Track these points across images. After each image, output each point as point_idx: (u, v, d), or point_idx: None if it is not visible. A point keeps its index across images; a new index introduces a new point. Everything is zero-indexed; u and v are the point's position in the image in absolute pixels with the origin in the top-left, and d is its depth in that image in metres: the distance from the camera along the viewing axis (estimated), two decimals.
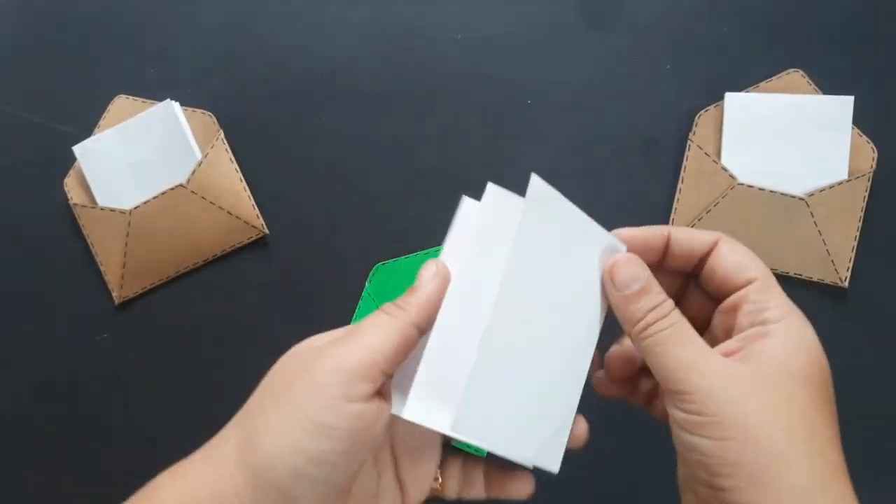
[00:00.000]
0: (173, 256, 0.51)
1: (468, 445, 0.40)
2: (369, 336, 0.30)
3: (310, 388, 0.29)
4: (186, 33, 0.55)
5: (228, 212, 0.51)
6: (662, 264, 0.33)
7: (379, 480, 0.34)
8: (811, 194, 0.47)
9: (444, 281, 0.31)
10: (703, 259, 0.33)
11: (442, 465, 0.35)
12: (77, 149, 0.52)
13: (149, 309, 0.52)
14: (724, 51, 0.52)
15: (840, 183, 0.47)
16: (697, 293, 0.34)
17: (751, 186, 0.47)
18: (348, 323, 0.49)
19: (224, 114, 0.53)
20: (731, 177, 0.47)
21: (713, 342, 0.31)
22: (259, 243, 0.52)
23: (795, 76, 0.49)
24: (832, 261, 0.46)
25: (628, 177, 0.51)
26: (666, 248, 0.33)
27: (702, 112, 0.50)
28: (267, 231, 0.51)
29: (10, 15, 0.57)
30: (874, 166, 0.47)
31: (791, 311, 0.30)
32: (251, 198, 0.52)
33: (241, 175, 0.52)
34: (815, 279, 0.47)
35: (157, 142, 0.52)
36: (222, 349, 0.51)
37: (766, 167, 0.48)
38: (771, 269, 0.43)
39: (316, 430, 0.28)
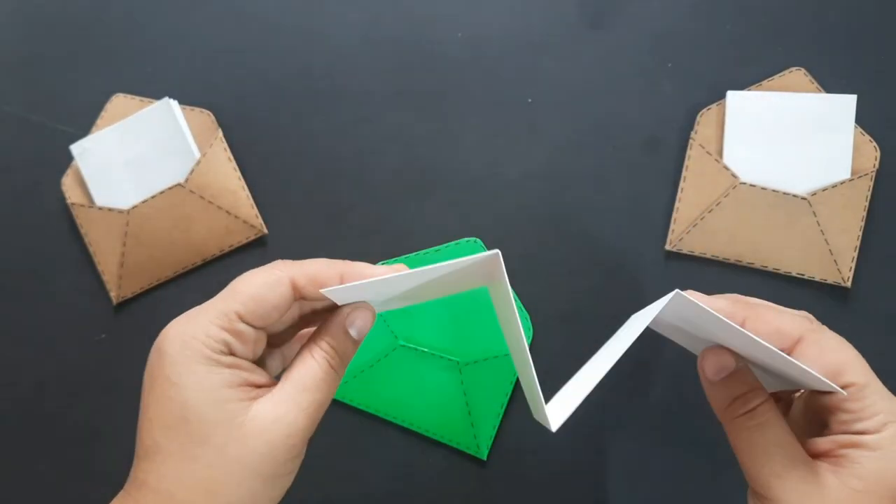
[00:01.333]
0: (171, 256, 0.51)
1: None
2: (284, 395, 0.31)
3: (258, 451, 0.29)
4: (185, 32, 0.55)
5: (227, 211, 0.51)
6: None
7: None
8: (814, 193, 0.46)
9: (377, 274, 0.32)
10: (787, 352, 0.30)
11: None
12: (74, 148, 0.52)
13: (147, 309, 0.51)
14: (726, 49, 0.52)
15: (843, 182, 0.47)
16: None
17: (753, 185, 0.47)
18: None
19: (223, 112, 0.53)
20: (734, 176, 0.47)
21: (793, 424, 0.31)
22: (258, 243, 0.52)
23: (798, 74, 0.49)
24: (835, 260, 0.46)
25: (629, 177, 0.50)
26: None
27: (703, 111, 0.50)
28: (266, 231, 0.51)
29: (7, 14, 0.57)
30: (877, 165, 0.47)
31: (889, 421, 0.29)
32: (250, 197, 0.52)
33: (239, 174, 0.52)
34: (817, 279, 0.47)
35: (155, 140, 0.52)
36: None
37: (769, 166, 0.47)
38: (773, 268, 0.44)
39: (270, 485, 0.30)
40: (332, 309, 0.33)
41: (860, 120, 0.47)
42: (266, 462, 0.29)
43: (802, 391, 0.33)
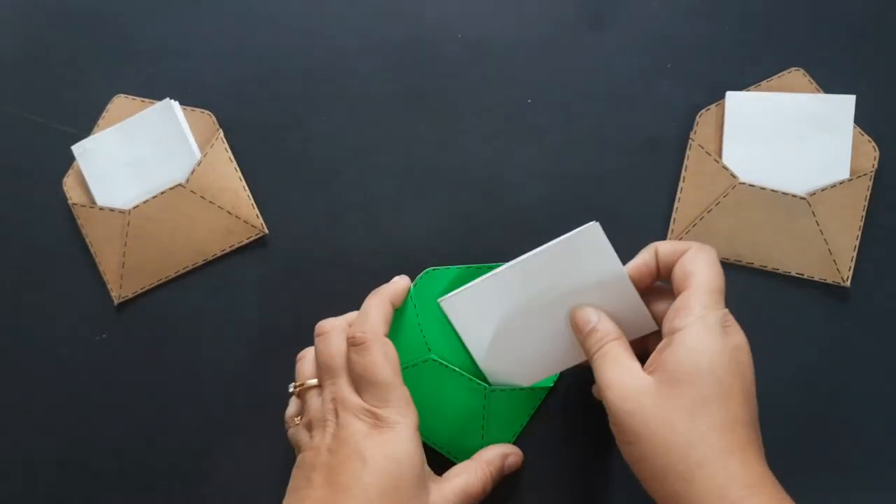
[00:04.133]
0: (173, 256, 0.51)
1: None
2: None
3: None
4: (186, 32, 0.55)
5: (228, 211, 0.51)
6: (660, 276, 0.40)
7: None
8: (813, 193, 0.46)
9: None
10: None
11: None
12: (76, 148, 0.52)
13: (148, 309, 0.52)
14: (725, 49, 0.52)
15: (842, 182, 0.47)
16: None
17: (752, 185, 0.47)
18: None
19: (223, 113, 0.53)
20: (733, 176, 0.47)
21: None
22: (259, 243, 0.52)
23: (797, 75, 0.49)
24: (834, 260, 0.46)
25: (628, 177, 0.51)
26: (657, 264, 0.39)
27: (703, 111, 0.50)
28: (267, 231, 0.51)
29: (9, 15, 0.57)
30: (876, 165, 0.47)
31: (699, 318, 0.35)
32: (251, 197, 0.52)
33: (240, 175, 0.52)
34: (816, 279, 0.47)
35: (156, 141, 0.52)
36: (222, 349, 0.50)
37: (768, 166, 0.48)
38: (772, 268, 0.45)
39: None
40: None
41: (859, 120, 0.47)
42: None
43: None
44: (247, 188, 0.52)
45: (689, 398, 0.33)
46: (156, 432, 0.50)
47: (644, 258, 0.40)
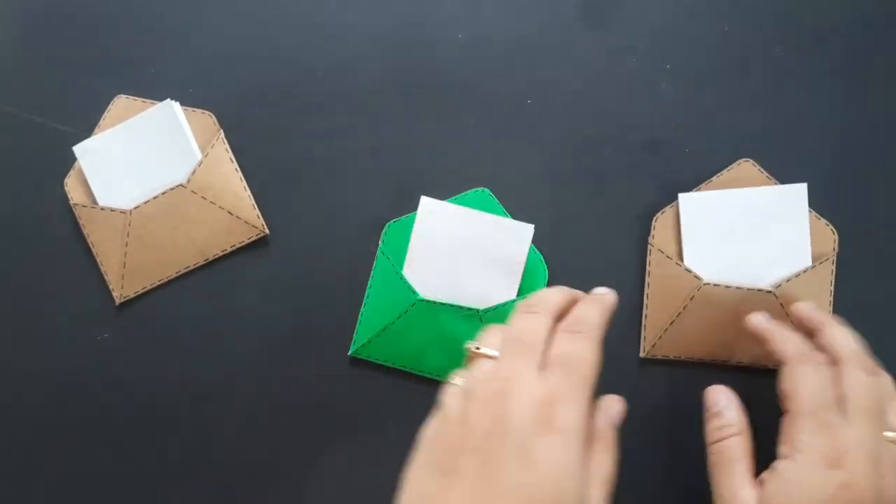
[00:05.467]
0: (174, 256, 0.51)
1: None
2: None
3: None
4: (186, 33, 0.56)
5: (228, 212, 0.51)
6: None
7: None
8: (778, 285, 0.45)
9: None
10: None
11: None
12: (77, 149, 0.53)
13: (149, 309, 0.52)
14: (724, 50, 0.52)
15: (805, 270, 0.45)
16: None
17: (717, 285, 0.45)
18: (349, 324, 0.50)
19: (224, 114, 0.53)
20: (696, 277, 0.46)
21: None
22: (259, 243, 0.52)
23: (746, 166, 0.48)
24: None
25: (628, 177, 0.51)
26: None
27: (658, 214, 0.48)
28: (267, 231, 0.52)
29: (10, 15, 0.57)
30: (836, 248, 0.46)
31: (797, 451, 0.34)
32: (251, 198, 0.52)
33: (241, 175, 0.52)
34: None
35: (157, 142, 0.52)
36: (222, 349, 0.51)
37: (730, 262, 0.46)
38: (748, 362, 0.46)
39: None
40: None
41: (814, 204, 0.46)
42: None
43: None
44: (247, 188, 0.52)
45: None
46: (156, 432, 0.50)
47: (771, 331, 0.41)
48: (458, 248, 0.48)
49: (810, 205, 0.46)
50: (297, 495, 0.48)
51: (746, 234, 0.47)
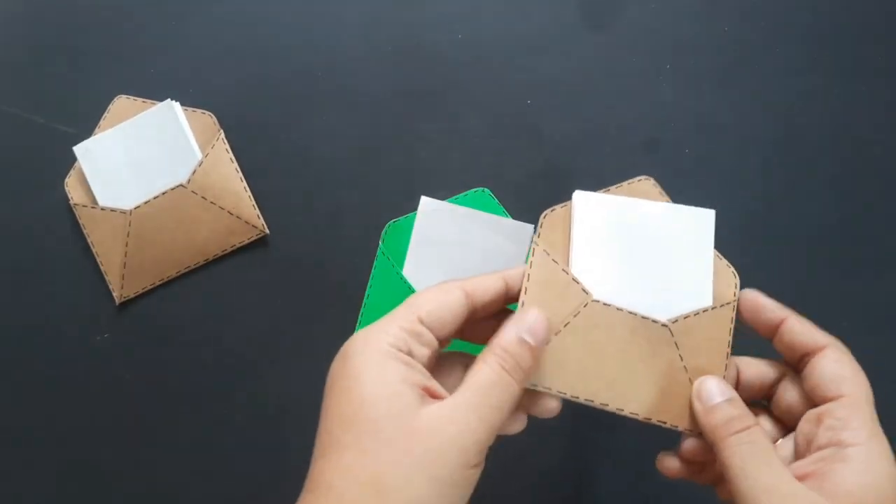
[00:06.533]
0: (174, 256, 0.52)
1: None
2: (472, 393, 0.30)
3: (429, 451, 0.28)
4: (186, 33, 0.56)
5: (229, 212, 0.51)
6: (772, 340, 0.35)
7: None
8: (675, 321, 0.36)
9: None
10: (809, 357, 0.34)
11: None
12: (78, 149, 0.53)
13: (149, 309, 0.52)
14: (724, 51, 0.52)
15: (706, 310, 0.37)
16: (795, 388, 0.35)
17: (608, 305, 0.36)
18: (349, 324, 0.50)
19: (224, 114, 0.53)
20: (585, 291, 0.36)
21: (795, 447, 0.33)
22: (259, 243, 0.52)
23: (647, 184, 0.42)
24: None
25: (628, 177, 0.50)
26: (777, 329, 0.35)
27: (547, 212, 0.39)
28: (267, 231, 0.52)
29: (10, 15, 0.57)
30: (737, 294, 0.38)
31: (873, 436, 0.31)
32: (251, 198, 0.52)
33: (241, 175, 0.52)
34: (679, 429, 0.36)
35: (157, 142, 0.52)
36: (222, 349, 0.51)
37: (623, 282, 0.38)
38: (630, 413, 0.36)
39: (441, 492, 0.28)
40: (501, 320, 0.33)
41: (717, 245, 0.39)
42: (436, 464, 0.28)
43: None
44: (248, 188, 0.52)
45: None
46: (156, 432, 0.50)
47: (766, 306, 0.35)
48: (458, 248, 0.48)
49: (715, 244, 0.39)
50: (298, 495, 0.48)
51: (644, 252, 0.39)
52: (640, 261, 0.39)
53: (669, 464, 0.36)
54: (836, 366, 0.33)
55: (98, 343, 0.52)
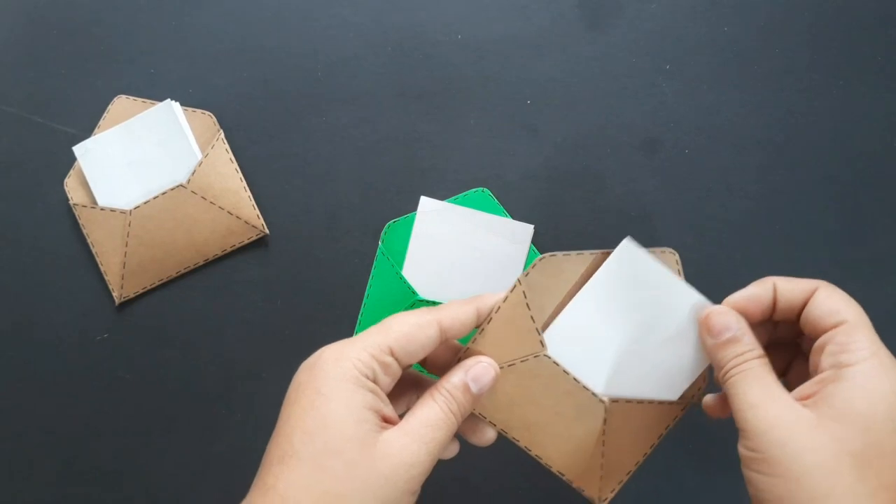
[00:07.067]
0: (173, 256, 0.51)
1: None
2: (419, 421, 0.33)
3: (382, 475, 0.31)
4: (186, 33, 0.56)
5: (229, 212, 0.51)
6: (772, 315, 0.35)
7: None
8: (616, 400, 0.36)
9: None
10: (804, 306, 0.34)
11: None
12: (77, 149, 0.53)
13: (149, 309, 0.52)
14: (724, 51, 0.52)
15: (650, 402, 0.37)
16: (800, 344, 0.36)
17: (556, 364, 0.36)
18: (349, 324, 0.50)
19: (224, 114, 0.53)
20: (542, 344, 0.36)
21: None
22: (259, 243, 0.52)
23: (670, 258, 0.39)
24: (601, 476, 0.38)
25: (628, 177, 0.51)
26: (774, 300, 0.35)
27: (546, 256, 0.37)
28: (267, 231, 0.52)
29: (10, 16, 0.57)
30: (696, 398, 0.37)
31: (872, 355, 0.31)
32: (251, 198, 0.52)
33: (241, 175, 0.52)
34: (574, 485, 0.37)
35: (157, 142, 0.52)
36: (222, 349, 0.51)
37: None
38: (536, 455, 0.37)
39: None
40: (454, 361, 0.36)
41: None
42: (386, 487, 0.31)
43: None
44: (247, 188, 0.52)
45: (860, 444, 0.29)
46: (156, 432, 0.50)
47: (755, 291, 0.34)
48: (458, 248, 0.48)
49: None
50: None
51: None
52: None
53: (708, 401, 0.37)
54: (828, 300, 0.33)
55: (98, 343, 0.52)
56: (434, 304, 0.47)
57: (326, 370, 0.32)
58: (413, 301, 0.47)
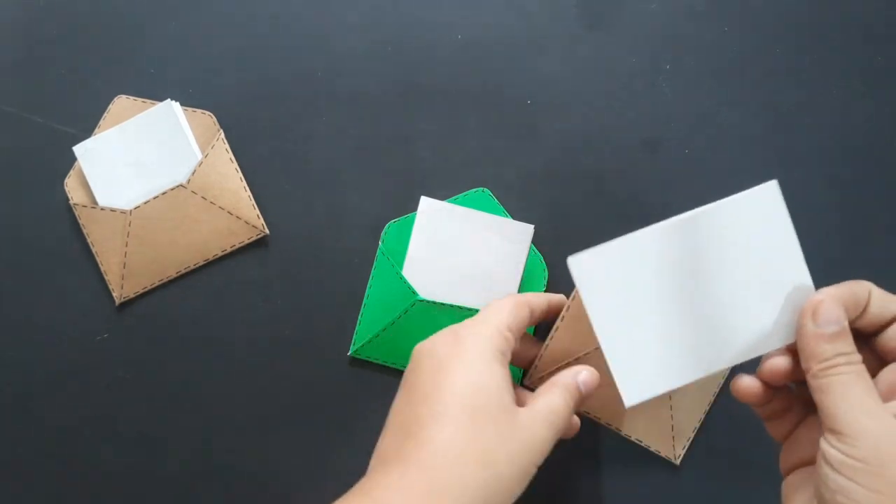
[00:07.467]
0: (174, 256, 0.51)
1: None
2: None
3: (524, 442, 0.34)
4: (186, 33, 0.56)
5: (229, 212, 0.51)
6: (859, 322, 0.34)
7: None
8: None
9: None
10: (890, 324, 0.34)
11: None
12: (77, 149, 0.53)
13: (149, 309, 0.52)
14: (724, 51, 0.52)
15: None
16: (869, 354, 0.34)
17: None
18: (349, 324, 0.50)
19: (224, 114, 0.53)
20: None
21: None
22: (259, 243, 0.52)
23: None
24: (673, 437, 0.46)
25: (628, 177, 0.51)
26: (866, 306, 0.34)
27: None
28: (267, 231, 0.52)
29: (10, 15, 0.57)
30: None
31: None
32: (251, 198, 0.52)
33: (241, 175, 0.52)
34: (651, 449, 0.46)
35: (157, 142, 0.52)
36: (222, 349, 0.51)
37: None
38: (615, 428, 0.45)
39: (522, 482, 0.34)
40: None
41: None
42: (525, 456, 0.33)
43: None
44: (247, 189, 0.52)
45: None
46: (156, 432, 0.50)
47: (856, 290, 0.33)
48: (458, 248, 0.48)
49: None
50: (297, 495, 0.48)
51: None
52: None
53: (746, 383, 0.36)
54: None
55: (98, 343, 0.52)
56: (434, 304, 0.47)
57: (475, 343, 0.35)
58: (413, 301, 0.47)
